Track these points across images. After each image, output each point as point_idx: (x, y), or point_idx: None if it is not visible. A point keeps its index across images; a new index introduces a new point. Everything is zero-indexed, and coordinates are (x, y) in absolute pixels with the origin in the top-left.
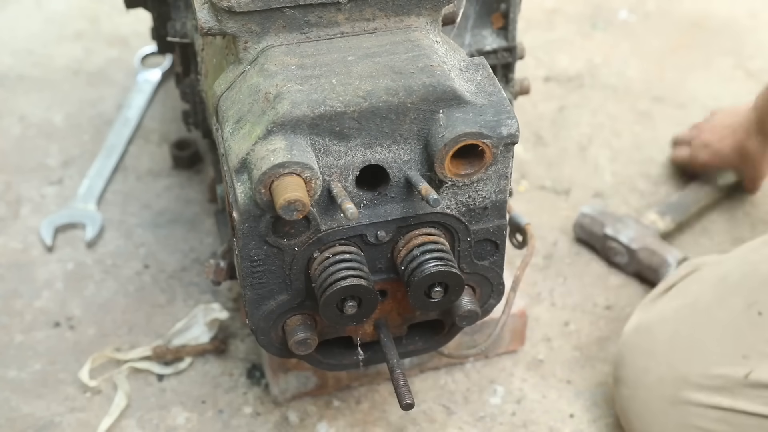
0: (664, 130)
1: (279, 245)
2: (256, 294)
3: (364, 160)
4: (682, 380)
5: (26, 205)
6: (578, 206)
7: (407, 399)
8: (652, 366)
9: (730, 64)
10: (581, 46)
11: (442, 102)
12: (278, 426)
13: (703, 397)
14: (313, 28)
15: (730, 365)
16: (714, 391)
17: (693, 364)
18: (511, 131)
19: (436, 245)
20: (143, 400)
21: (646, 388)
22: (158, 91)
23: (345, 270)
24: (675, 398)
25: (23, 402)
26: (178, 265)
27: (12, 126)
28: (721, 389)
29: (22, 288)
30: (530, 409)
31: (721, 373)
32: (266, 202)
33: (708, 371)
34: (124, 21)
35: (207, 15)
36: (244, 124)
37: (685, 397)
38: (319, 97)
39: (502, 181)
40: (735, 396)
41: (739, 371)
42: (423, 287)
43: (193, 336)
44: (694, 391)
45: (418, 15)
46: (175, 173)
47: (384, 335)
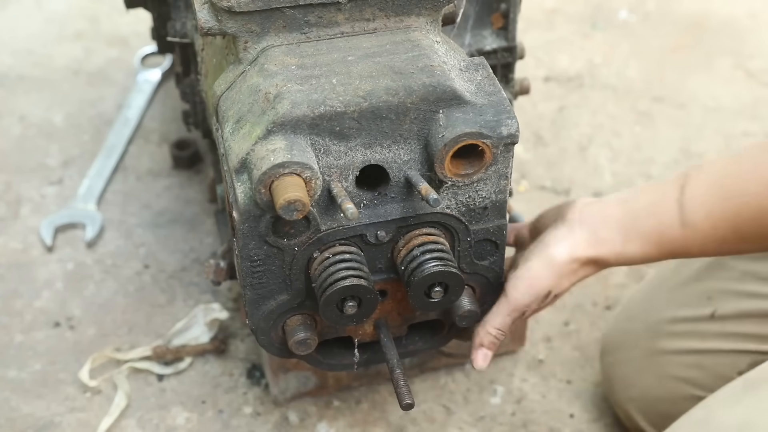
0: (664, 130)
1: (279, 245)
2: (256, 294)
3: (364, 160)
4: (655, 332)
5: (26, 205)
6: None
7: (407, 399)
8: (629, 327)
9: (730, 64)
10: (581, 46)
11: (442, 102)
12: (278, 426)
13: (675, 344)
14: (313, 28)
15: (696, 308)
16: (684, 337)
17: (663, 314)
18: (511, 131)
19: (436, 245)
20: (143, 400)
21: (624, 349)
22: (158, 91)
23: (345, 270)
24: (650, 352)
25: (23, 402)
26: (178, 265)
27: (12, 126)
28: (691, 333)
29: (22, 288)
30: (530, 409)
31: (688, 316)
32: (266, 202)
33: (676, 316)
34: (124, 21)
35: (207, 15)
36: (244, 124)
37: (658, 348)
38: (319, 97)
39: (502, 181)
40: (704, 338)
41: (704, 311)
42: (423, 287)
43: (193, 336)
44: (666, 340)
45: (418, 15)
46: (175, 173)
47: (384, 335)
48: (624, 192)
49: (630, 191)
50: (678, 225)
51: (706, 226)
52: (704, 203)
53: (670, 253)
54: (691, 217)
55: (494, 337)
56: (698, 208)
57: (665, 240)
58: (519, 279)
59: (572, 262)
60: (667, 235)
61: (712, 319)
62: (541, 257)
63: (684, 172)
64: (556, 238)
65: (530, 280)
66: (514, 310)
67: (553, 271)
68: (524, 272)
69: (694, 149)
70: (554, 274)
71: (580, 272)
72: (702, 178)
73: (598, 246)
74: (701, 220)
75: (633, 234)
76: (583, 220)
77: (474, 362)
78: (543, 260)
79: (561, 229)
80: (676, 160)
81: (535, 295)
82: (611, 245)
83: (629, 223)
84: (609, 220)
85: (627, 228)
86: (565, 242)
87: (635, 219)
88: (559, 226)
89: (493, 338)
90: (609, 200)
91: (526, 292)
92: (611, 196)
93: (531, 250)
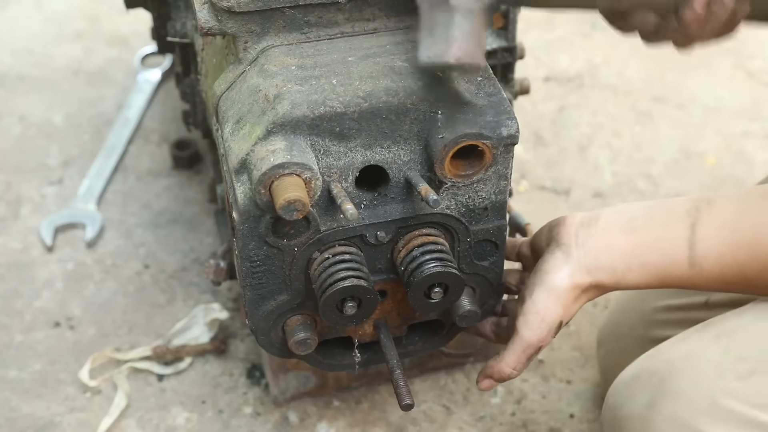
0: (664, 130)
1: (279, 246)
2: (256, 294)
3: (364, 160)
4: (649, 321)
5: (26, 205)
6: (578, 206)
7: (407, 399)
8: (624, 319)
9: (730, 64)
10: (581, 46)
11: (442, 103)
12: (278, 426)
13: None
14: (313, 28)
15: (690, 295)
16: (678, 325)
17: (657, 304)
18: (511, 132)
19: (435, 246)
20: (143, 400)
21: (619, 340)
22: (158, 91)
23: (345, 270)
24: (644, 340)
25: (23, 402)
26: (178, 265)
27: (12, 126)
28: (684, 321)
29: (22, 288)
30: (530, 409)
31: (682, 304)
32: (266, 203)
33: (670, 305)
34: (124, 21)
35: (207, 15)
36: (244, 124)
37: (653, 336)
38: (319, 97)
39: (502, 182)
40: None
41: (698, 299)
42: (423, 288)
43: (193, 336)
44: (661, 328)
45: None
46: (175, 173)
47: (384, 335)
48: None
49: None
50: (686, 265)
51: (715, 269)
52: (715, 248)
53: (672, 286)
54: (700, 260)
55: (509, 375)
56: (709, 252)
57: (670, 276)
58: (528, 314)
59: (573, 289)
60: (673, 273)
61: (705, 307)
62: (544, 288)
63: (695, 206)
64: (555, 266)
65: (540, 315)
66: (528, 347)
67: (559, 301)
68: (531, 307)
69: (694, 149)
70: (561, 304)
71: (583, 297)
72: (714, 218)
73: (597, 272)
74: (711, 263)
75: (636, 265)
76: (580, 244)
77: (480, 385)
78: (546, 292)
79: (557, 255)
80: (676, 160)
81: (548, 329)
82: (611, 273)
83: (634, 255)
84: (612, 248)
85: (631, 259)
86: (565, 269)
87: (641, 253)
88: (555, 250)
89: (506, 375)
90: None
91: (538, 327)
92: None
93: (533, 282)
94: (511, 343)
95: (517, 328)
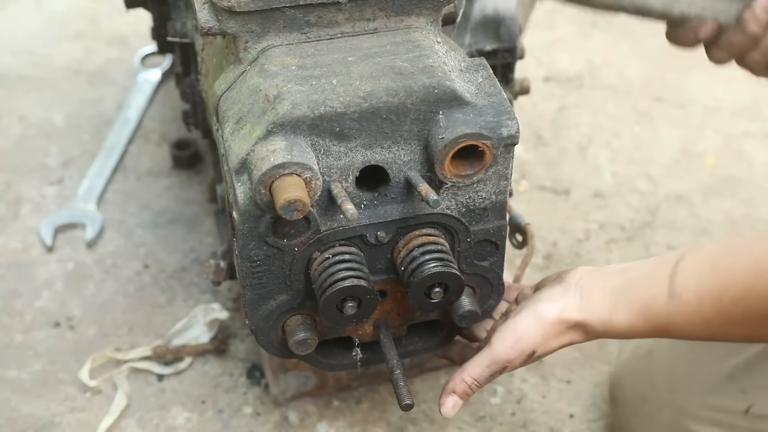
0: (664, 130)
1: (279, 246)
2: (255, 294)
3: (364, 160)
4: (681, 410)
5: (26, 205)
6: (578, 206)
7: (406, 399)
8: (650, 394)
9: (730, 65)
10: (581, 46)
11: (442, 103)
12: (278, 426)
13: (703, 429)
14: (313, 28)
15: (729, 398)
16: (713, 425)
17: (691, 394)
18: (512, 132)
19: (435, 246)
20: (143, 400)
21: (644, 416)
22: (158, 91)
23: (345, 270)
24: (674, 428)
25: (23, 402)
26: (178, 265)
27: (12, 126)
28: (721, 424)
29: (22, 288)
30: (530, 409)
31: (720, 406)
32: (266, 203)
33: (706, 403)
34: (124, 21)
35: (207, 15)
36: (244, 124)
37: (684, 428)
38: (319, 97)
39: (502, 182)
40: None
41: (738, 405)
42: (422, 288)
43: (193, 336)
44: (693, 422)
45: (418, 15)
46: (175, 173)
47: (384, 335)
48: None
49: (633, 262)
50: (665, 296)
51: (693, 300)
52: (693, 277)
53: (655, 327)
54: (678, 289)
55: (468, 387)
56: (687, 281)
57: (651, 311)
58: (506, 332)
59: (560, 323)
60: (653, 307)
61: (746, 416)
62: (530, 313)
63: (684, 250)
64: (550, 297)
65: (517, 335)
66: (495, 362)
67: (540, 329)
68: (512, 326)
69: (694, 149)
70: (541, 333)
71: (567, 336)
72: (697, 256)
73: (587, 311)
74: (688, 293)
75: (622, 303)
76: (580, 285)
77: (441, 408)
78: (532, 316)
79: (556, 289)
80: (676, 160)
81: (520, 351)
82: (599, 312)
83: (621, 292)
84: (604, 288)
85: (618, 296)
86: (558, 302)
87: (627, 288)
88: (556, 286)
89: (466, 387)
90: (611, 270)
91: (511, 347)
92: (615, 265)
93: (523, 305)
94: (479, 355)
95: (491, 342)
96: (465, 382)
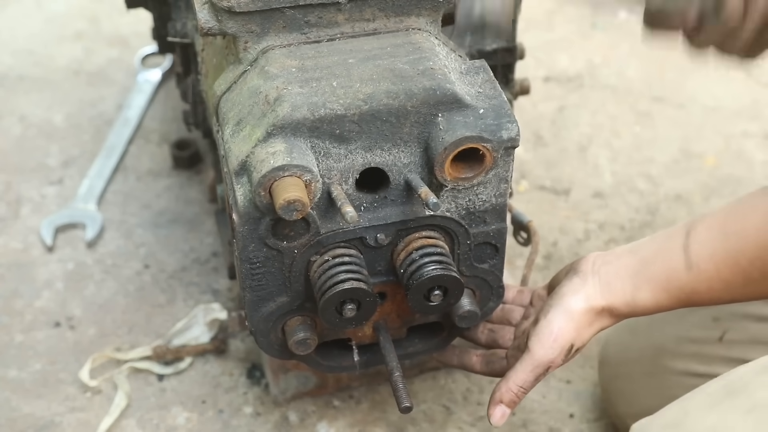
0: (664, 130)
1: (279, 248)
2: (255, 296)
3: (364, 163)
4: (660, 350)
5: (26, 205)
6: (578, 206)
7: (406, 402)
8: (632, 342)
9: (730, 64)
10: (581, 46)
11: (442, 105)
12: (278, 426)
13: (680, 364)
14: (313, 28)
15: (704, 329)
16: (690, 358)
17: (669, 332)
18: (512, 135)
19: (435, 248)
20: (143, 400)
21: (626, 364)
22: (158, 91)
23: (344, 273)
24: (653, 369)
25: (23, 402)
26: (178, 265)
27: (12, 126)
28: (697, 355)
29: (22, 288)
30: (530, 409)
31: (695, 337)
32: (266, 205)
33: (683, 337)
34: (124, 21)
35: (207, 15)
36: (244, 126)
37: (663, 367)
38: (319, 99)
39: (503, 185)
40: (710, 361)
41: (712, 334)
42: (422, 291)
43: (193, 336)
44: (672, 359)
45: (418, 15)
46: (175, 173)
47: (383, 338)
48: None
49: (640, 241)
50: (684, 268)
51: (710, 267)
52: (707, 244)
53: (680, 299)
54: (695, 259)
55: (515, 395)
56: (701, 249)
57: (673, 285)
58: (542, 334)
59: (588, 312)
60: (673, 280)
61: (719, 343)
62: (559, 310)
63: (691, 220)
64: (572, 289)
65: (553, 335)
66: (538, 366)
67: (573, 323)
68: (545, 327)
69: (694, 149)
70: (574, 326)
71: (597, 323)
72: (706, 223)
73: (610, 296)
74: (705, 261)
75: (642, 281)
76: (596, 271)
77: (491, 418)
78: (562, 313)
79: (575, 281)
80: (676, 160)
81: (560, 349)
82: (622, 294)
83: (638, 271)
84: (620, 270)
85: (637, 276)
86: (581, 293)
87: (644, 266)
88: (573, 277)
89: (513, 395)
90: (620, 251)
91: (550, 347)
92: (623, 247)
93: (549, 304)
94: (521, 362)
95: (529, 347)
96: (512, 391)
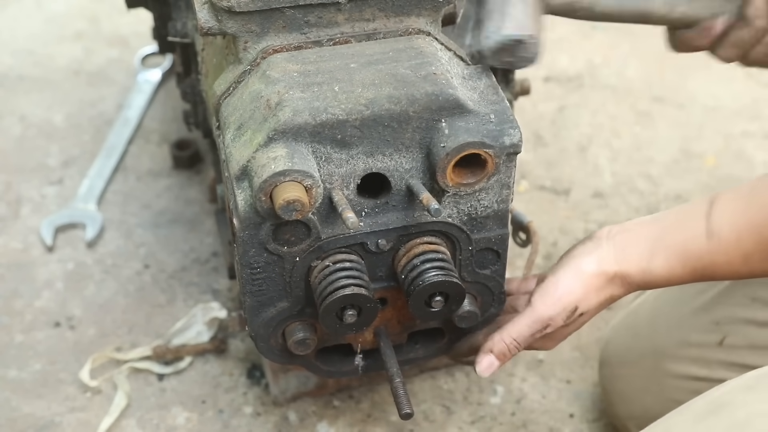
0: (664, 130)
1: (279, 253)
2: (255, 301)
3: (366, 168)
4: (661, 353)
5: (26, 205)
6: (578, 206)
7: (406, 408)
8: (633, 344)
9: (730, 64)
10: (581, 46)
11: (444, 111)
12: (278, 426)
13: (681, 368)
14: (313, 28)
15: (704, 333)
16: (690, 362)
17: (670, 336)
18: (514, 141)
19: (436, 254)
20: (143, 400)
21: (626, 365)
22: (158, 91)
23: (345, 278)
24: (654, 372)
25: (23, 402)
26: (178, 265)
27: (12, 126)
28: (697, 360)
29: (22, 288)
30: (530, 409)
31: (695, 341)
32: (267, 210)
33: (683, 341)
34: (124, 21)
35: (207, 15)
36: (245, 131)
37: (663, 370)
38: (320, 104)
39: (504, 191)
40: (710, 366)
41: (712, 338)
42: (423, 296)
43: (193, 336)
44: (672, 362)
45: (418, 15)
46: (175, 173)
47: (384, 343)
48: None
49: (663, 212)
50: (703, 236)
51: (732, 237)
52: (729, 213)
53: (695, 269)
54: (716, 227)
55: (507, 347)
56: (724, 218)
57: (690, 254)
58: (546, 290)
59: (599, 276)
60: (691, 249)
61: (719, 347)
62: (568, 269)
63: (715, 193)
64: (584, 251)
65: (558, 292)
66: (536, 321)
67: (581, 284)
68: (551, 284)
69: (694, 149)
70: (582, 287)
71: (607, 290)
72: (731, 194)
73: (624, 262)
74: (726, 230)
75: (659, 248)
76: (612, 237)
77: (477, 366)
78: (571, 272)
79: (588, 244)
80: (676, 160)
81: (562, 307)
82: (637, 261)
83: (656, 239)
84: (639, 237)
85: (654, 242)
86: (593, 255)
87: (663, 234)
88: (587, 242)
89: (505, 347)
90: (642, 219)
91: (553, 304)
92: (645, 216)
93: (559, 264)
94: (520, 315)
95: (531, 302)
96: (504, 342)
